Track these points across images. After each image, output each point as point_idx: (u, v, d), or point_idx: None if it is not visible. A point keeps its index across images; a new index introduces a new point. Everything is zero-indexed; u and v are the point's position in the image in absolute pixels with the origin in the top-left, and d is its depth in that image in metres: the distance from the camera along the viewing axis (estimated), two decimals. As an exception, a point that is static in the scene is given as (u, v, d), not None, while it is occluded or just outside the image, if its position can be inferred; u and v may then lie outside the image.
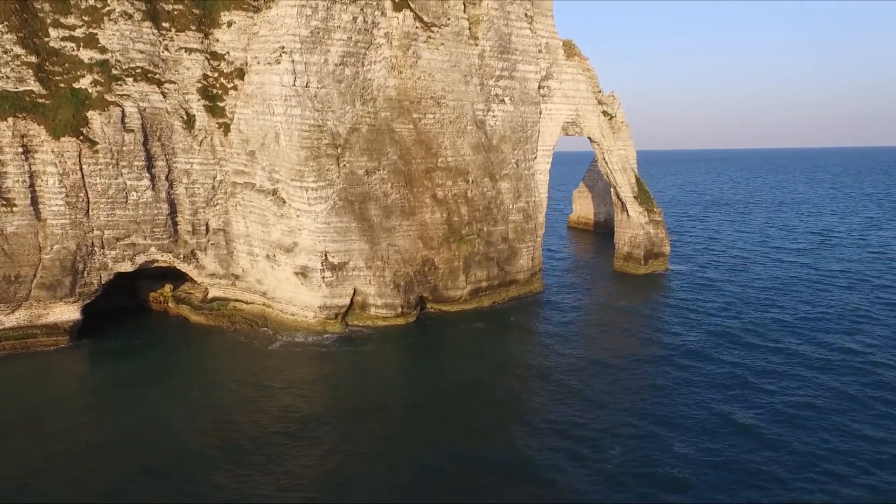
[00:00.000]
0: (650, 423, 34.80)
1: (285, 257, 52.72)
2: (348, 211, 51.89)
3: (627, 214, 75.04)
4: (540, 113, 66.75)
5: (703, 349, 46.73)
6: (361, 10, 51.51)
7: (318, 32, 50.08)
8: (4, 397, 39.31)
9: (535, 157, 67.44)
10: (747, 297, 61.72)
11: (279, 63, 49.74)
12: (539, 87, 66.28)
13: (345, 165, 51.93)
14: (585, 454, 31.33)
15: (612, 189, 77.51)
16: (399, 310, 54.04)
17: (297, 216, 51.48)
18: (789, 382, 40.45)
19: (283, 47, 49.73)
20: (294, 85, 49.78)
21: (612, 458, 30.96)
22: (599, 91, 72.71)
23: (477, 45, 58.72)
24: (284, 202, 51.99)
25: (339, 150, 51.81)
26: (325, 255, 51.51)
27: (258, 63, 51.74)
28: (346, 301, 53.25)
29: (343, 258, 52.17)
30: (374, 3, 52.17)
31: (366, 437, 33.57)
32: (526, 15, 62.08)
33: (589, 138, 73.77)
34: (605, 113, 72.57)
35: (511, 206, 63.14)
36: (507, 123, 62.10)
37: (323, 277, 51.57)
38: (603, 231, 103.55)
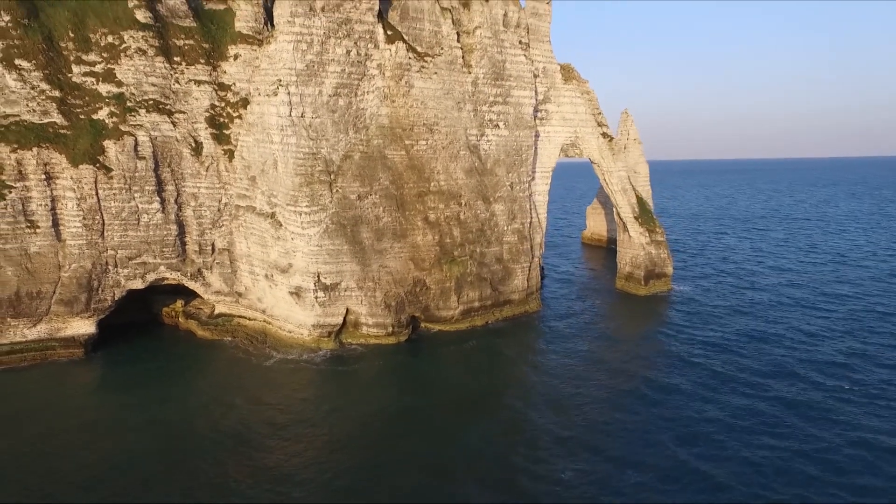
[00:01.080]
0: (604, 459, 34.90)
1: (282, 277, 55.53)
2: (340, 234, 54.36)
3: (629, 234, 75.26)
4: (537, 136, 68.10)
5: (680, 385, 46.01)
6: (355, 43, 54.15)
7: (313, 66, 52.93)
8: (7, 403, 43.34)
9: (533, 179, 68.72)
10: (743, 327, 60.32)
11: (276, 95, 52.77)
12: (536, 111, 67.66)
13: (337, 191, 54.48)
14: (526, 486, 31.99)
15: (614, 209, 77.85)
16: (390, 329, 56.03)
17: (292, 239, 54.26)
18: (759, 424, 39.36)
19: (281, 80, 52.76)
20: (290, 115, 52.71)
21: (554, 491, 31.44)
22: (599, 113, 73.46)
23: (470, 73, 60.59)
24: (281, 225, 54.88)
25: (332, 177, 54.41)
26: (318, 276, 54.06)
27: (259, 94, 54.96)
28: (339, 320, 55.59)
29: (335, 279, 54.61)
30: (368, 37, 54.74)
31: (309, 454, 35.62)
32: (521, 42, 63.61)
33: (589, 160, 74.54)
34: (604, 135, 73.23)
35: (505, 228, 64.47)
36: (501, 147, 63.61)
37: (316, 297, 54.10)
38: (615, 248, 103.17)
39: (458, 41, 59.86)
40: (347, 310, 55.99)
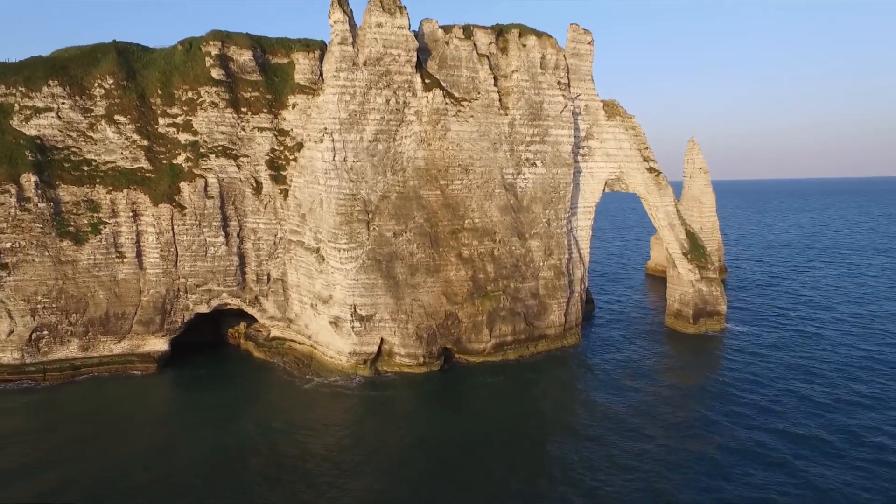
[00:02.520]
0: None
1: (323, 307, 60.29)
2: (376, 269, 58.25)
3: (677, 271, 73.13)
4: (579, 172, 68.84)
5: (691, 447, 41.50)
6: (394, 92, 58.46)
7: (356, 115, 57.79)
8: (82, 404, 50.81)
9: (574, 215, 69.29)
10: (789, 382, 54.17)
11: (322, 142, 58.11)
12: (578, 148, 68.40)
13: (374, 228, 58.59)
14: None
15: (663, 244, 76.02)
16: (421, 359, 58.80)
17: (332, 272, 58.92)
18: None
19: (326, 128, 58.07)
20: (334, 160, 57.73)
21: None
22: (646, 148, 72.65)
23: (507, 115, 62.87)
24: (324, 259, 59.81)
25: (369, 216, 58.67)
26: (354, 308, 58.16)
27: (309, 140, 60.74)
28: (374, 349, 59.21)
29: (370, 311, 58.44)
30: (406, 86, 58.88)
31: (291, 473, 38.92)
32: (559, 83, 65.01)
33: (636, 194, 73.69)
34: (650, 169, 72.22)
35: (542, 264, 65.41)
36: (538, 185, 64.97)
37: (352, 327, 58.18)
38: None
39: (495, 85, 62.47)
40: (382, 339, 59.53)
